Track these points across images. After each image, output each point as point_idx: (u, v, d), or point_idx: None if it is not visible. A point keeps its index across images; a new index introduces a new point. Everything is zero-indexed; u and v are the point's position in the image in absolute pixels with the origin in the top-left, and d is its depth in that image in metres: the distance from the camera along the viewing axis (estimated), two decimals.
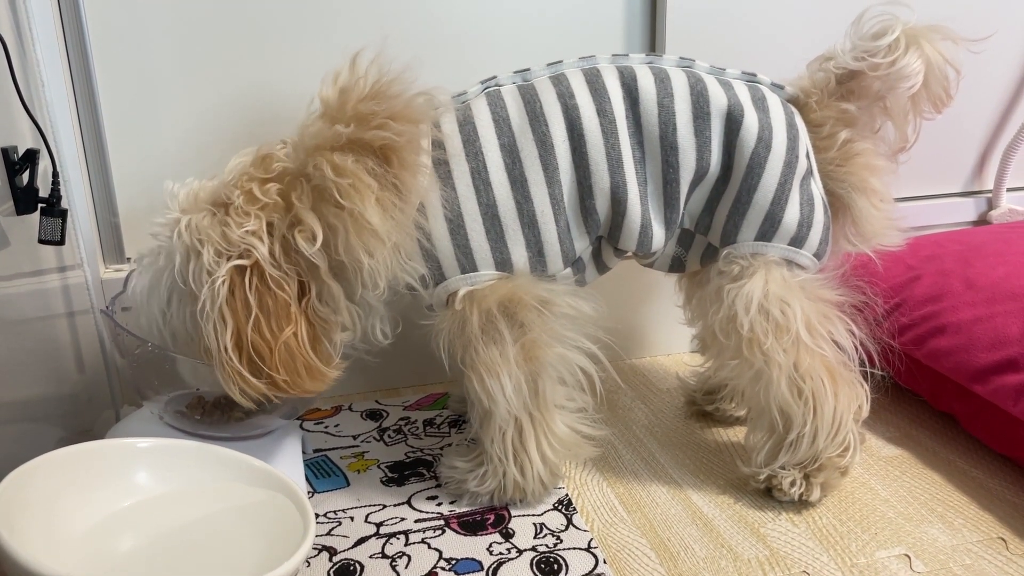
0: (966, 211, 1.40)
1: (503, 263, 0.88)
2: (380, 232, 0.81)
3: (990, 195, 1.41)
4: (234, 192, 0.83)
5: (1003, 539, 0.88)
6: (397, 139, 0.81)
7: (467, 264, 0.88)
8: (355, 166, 0.80)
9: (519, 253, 0.89)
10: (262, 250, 0.81)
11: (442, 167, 0.86)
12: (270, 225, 0.82)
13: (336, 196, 0.80)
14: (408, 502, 0.96)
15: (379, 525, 0.92)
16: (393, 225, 0.82)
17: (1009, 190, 1.40)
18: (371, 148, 0.81)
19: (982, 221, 1.41)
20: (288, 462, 0.95)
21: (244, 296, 0.80)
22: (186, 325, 0.85)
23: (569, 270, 0.92)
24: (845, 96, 0.91)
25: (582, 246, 0.91)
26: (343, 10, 1.10)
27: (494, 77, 0.92)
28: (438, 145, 0.86)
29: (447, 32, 1.14)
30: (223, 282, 0.80)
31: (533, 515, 0.93)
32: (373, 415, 1.17)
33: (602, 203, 0.89)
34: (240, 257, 0.81)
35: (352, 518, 0.94)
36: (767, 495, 0.95)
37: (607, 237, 0.92)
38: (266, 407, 0.94)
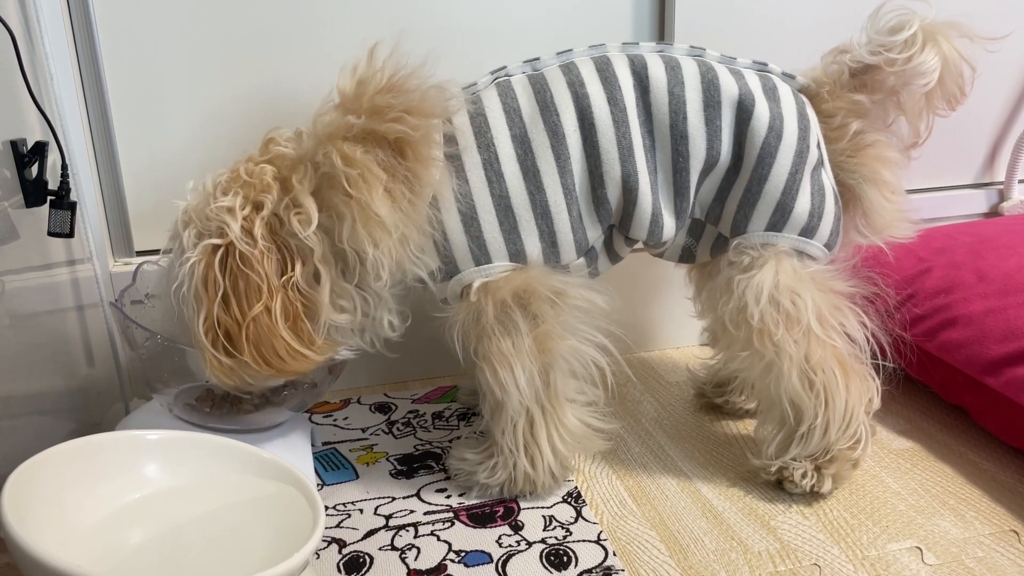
0: (977, 203, 1.40)
1: (517, 254, 0.88)
2: (387, 223, 0.81)
3: (1001, 187, 1.40)
4: (225, 174, 0.84)
5: (1015, 532, 0.87)
6: (412, 133, 0.81)
7: (481, 256, 0.88)
8: (364, 157, 0.80)
9: (533, 244, 0.88)
10: (234, 227, 0.80)
11: (454, 160, 0.86)
12: (256, 203, 0.82)
13: (344, 185, 0.80)
14: (417, 495, 0.96)
15: (388, 517, 0.92)
16: (401, 217, 0.82)
17: (1021, 182, 1.39)
18: (385, 140, 0.81)
19: (993, 213, 1.41)
20: (297, 454, 0.95)
21: (214, 275, 0.80)
22: (183, 309, 0.84)
23: (582, 260, 0.92)
24: (858, 88, 0.90)
25: (594, 235, 0.91)
26: (352, 6, 1.10)
27: (504, 67, 0.91)
28: (450, 138, 0.86)
29: (455, 24, 1.13)
30: (197, 262, 0.80)
31: (542, 507, 0.93)
32: (382, 408, 1.17)
33: (613, 192, 0.88)
34: (216, 236, 0.81)
35: (361, 510, 0.94)
36: (777, 487, 0.95)
37: (618, 226, 0.91)
38: (270, 399, 0.94)
